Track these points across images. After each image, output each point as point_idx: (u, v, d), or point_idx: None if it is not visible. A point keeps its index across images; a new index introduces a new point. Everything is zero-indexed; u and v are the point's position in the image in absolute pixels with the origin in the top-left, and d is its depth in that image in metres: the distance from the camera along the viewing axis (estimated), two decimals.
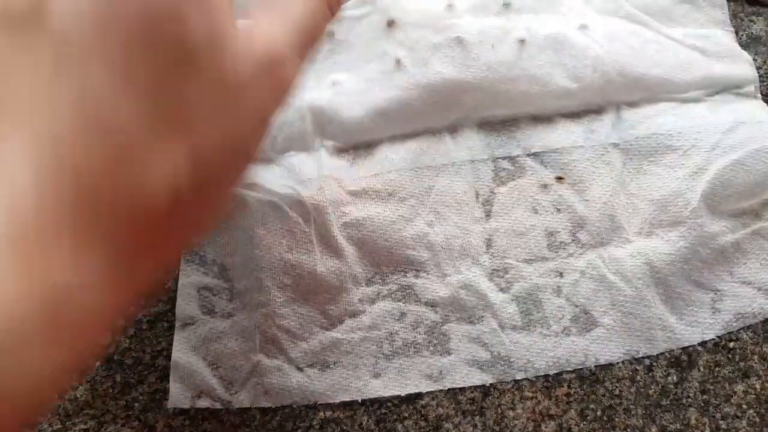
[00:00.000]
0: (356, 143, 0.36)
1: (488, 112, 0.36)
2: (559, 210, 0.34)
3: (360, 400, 0.31)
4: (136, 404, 0.32)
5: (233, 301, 0.33)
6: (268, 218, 0.34)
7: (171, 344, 0.33)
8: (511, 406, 0.31)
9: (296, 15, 0.23)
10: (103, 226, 0.16)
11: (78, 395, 0.32)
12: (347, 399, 0.31)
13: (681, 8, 0.39)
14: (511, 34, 0.36)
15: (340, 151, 0.36)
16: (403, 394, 0.31)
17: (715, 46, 0.37)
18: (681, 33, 0.38)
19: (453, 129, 0.36)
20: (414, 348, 0.32)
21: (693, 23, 0.38)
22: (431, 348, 0.32)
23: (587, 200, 0.34)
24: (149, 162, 0.17)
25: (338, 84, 0.37)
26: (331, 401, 0.31)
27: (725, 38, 0.37)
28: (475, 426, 0.31)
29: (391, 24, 0.37)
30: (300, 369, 0.32)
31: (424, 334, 0.33)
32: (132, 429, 0.32)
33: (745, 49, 0.37)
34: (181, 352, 0.32)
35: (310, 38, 0.24)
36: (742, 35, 0.38)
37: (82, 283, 0.16)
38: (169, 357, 0.32)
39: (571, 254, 0.33)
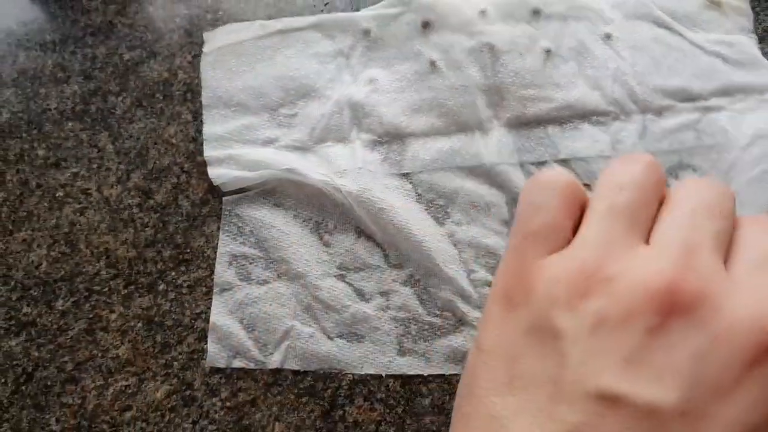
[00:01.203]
0: (390, 139, 0.39)
1: (516, 114, 0.39)
2: None
3: None
4: (175, 363, 0.35)
5: (268, 269, 0.37)
6: (305, 199, 0.38)
7: (209, 308, 0.36)
8: None
9: None
10: None
11: (120, 353, 0.35)
12: (372, 372, 0.34)
13: (707, 14, 0.41)
14: (538, 43, 0.40)
15: (375, 144, 0.39)
16: (425, 374, 0.34)
17: (737, 54, 0.40)
18: (705, 39, 0.41)
19: (484, 131, 0.39)
20: (440, 332, 0.35)
21: (718, 29, 0.41)
22: (456, 333, 0.35)
23: None
24: None
25: (374, 81, 0.40)
26: (357, 372, 0.34)
27: (749, 45, 0.40)
28: None
29: (426, 26, 0.40)
30: (330, 338, 0.35)
31: (451, 320, 0.35)
32: (171, 386, 0.35)
33: (762, 42, 0.40)
34: (219, 316, 0.36)
35: None
36: (758, 28, 0.41)
37: None
38: (207, 320, 0.36)
39: None
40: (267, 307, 0.36)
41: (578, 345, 0.19)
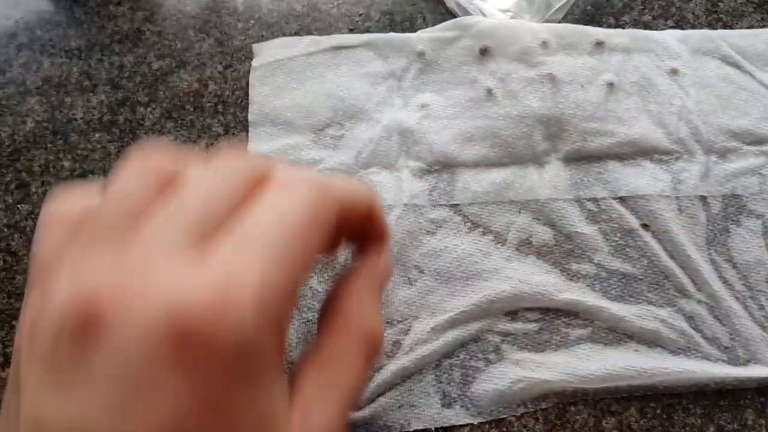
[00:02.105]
0: (440, 167, 0.45)
1: (575, 147, 0.46)
2: (643, 257, 0.44)
3: None
4: None
5: (299, 331, 0.42)
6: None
7: None
8: (573, 401, 0.41)
9: (351, 379, 0.29)
10: None
11: None
12: (420, 427, 0.40)
13: None
14: (601, 76, 0.47)
15: (423, 173, 0.45)
16: (475, 423, 0.41)
17: None
18: None
19: (540, 163, 0.46)
20: (486, 375, 0.41)
21: None
22: (501, 375, 0.41)
23: (670, 251, 0.44)
24: None
25: (426, 106, 0.47)
26: (406, 430, 0.40)
27: None
28: (537, 420, 0.41)
29: (484, 52, 0.47)
30: (372, 400, 0.41)
31: (496, 362, 0.42)
32: None
33: None
34: None
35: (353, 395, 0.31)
36: None
37: None
38: None
39: (652, 303, 0.43)
40: None
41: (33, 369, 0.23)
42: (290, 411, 0.26)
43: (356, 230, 0.33)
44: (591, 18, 0.51)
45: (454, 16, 0.49)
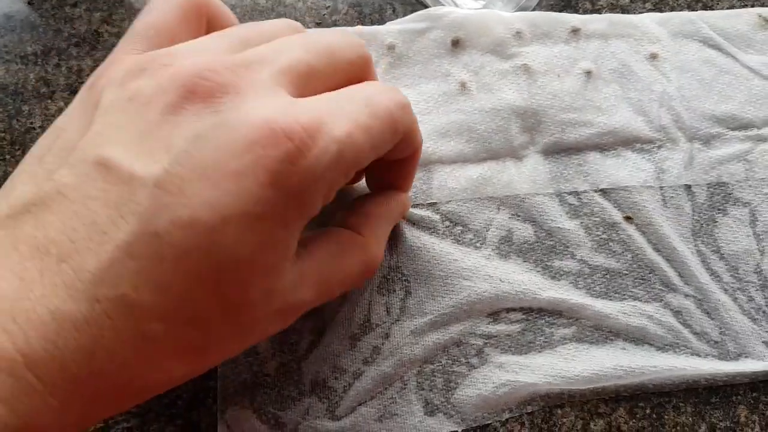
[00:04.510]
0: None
1: (554, 139, 0.45)
2: (627, 251, 0.43)
3: None
4: (180, 402, 0.41)
5: (275, 341, 0.42)
6: None
7: None
8: (559, 403, 0.40)
9: (340, 274, 0.33)
10: (97, 390, 0.24)
11: None
12: None
13: (762, 35, 0.49)
14: (578, 64, 0.46)
15: None
16: (459, 430, 0.40)
17: None
18: (759, 62, 0.48)
19: (517, 157, 0.45)
20: (469, 380, 0.41)
21: None
22: (485, 380, 0.41)
23: (655, 244, 0.43)
24: (159, 363, 0.26)
25: None
26: None
27: None
28: (523, 424, 0.40)
29: (456, 44, 0.47)
30: (353, 409, 0.40)
31: (479, 366, 0.41)
32: (175, 427, 0.40)
33: None
34: (226, 400, 0.41)
35: (335, 295, 0.34)
36: None
37: (57, 422, 0.24)
38: None
39: (638, 298, 0.42)
40: (279, 384, 0.41)
41: (106, 117, 0.26)
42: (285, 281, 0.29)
43: (393, 164, 0.37)
44: (566, 3, 0.50)
45: (425, 6, 0.48)
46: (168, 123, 0.25)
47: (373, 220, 0.36)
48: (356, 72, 0.32)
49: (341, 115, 0.27)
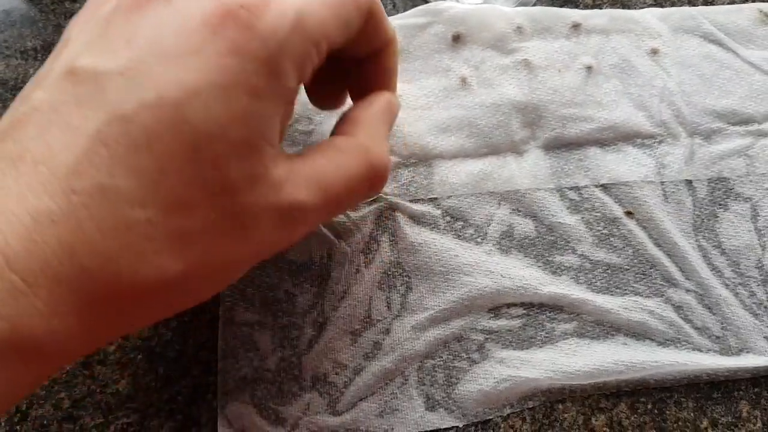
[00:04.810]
0: (416, 161, 0.44)
1: (554, 134, 0.45)
2: (628, 247, 0.43)
3: None
4: (180, 397, 0.41)
5: (275, 336, 0.41)
6: (314, 249, 0.43)
7: (214, 336, 0.41)
8: (561, 398, 0.40)
9: (341, 177, 0.32)
10: (83, 290, 0.24)
11: (120, 389, 0.40)
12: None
13: (762, 30, 0.49)
14: (578, 59, 0.46)
15: (399, 167, 0.44)
16: (460, 425, 0.40)
17: None
18: (760, 57, 0.48)
19: (518, 152, 0.45)
20: (470, 375, 0.41)
21: None
22: (486, 375, 0.41)
23: (656, 239, 0.43)
24: (148, 257, 0.25)
25: (399, 96, 0.45)
26: None
27: None
28: (524, 420, 0.40)
29: (456, 39, 0.47)
30: (354, 405, 0.40)
31: (480, 361, 0.41)
32: (176, 422, 0.40)
33: None
34: (226, 395, 0.41)
35: (343, 205, 0.34)
36: None
37: (47, 329, 0.23)
38: (211, 350, 0.41)
39: (639, 294, 0.42)
40: (279, 379, 0.41)
41: (76, 38, 0.27)
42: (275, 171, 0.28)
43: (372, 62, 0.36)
44: None
45: (425, 1, 0.48)
46: (128, 23, 0.26)
47: (368, 122, 0.35)
48: None
49: None
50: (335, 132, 0.35)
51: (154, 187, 0.24)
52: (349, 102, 0.41)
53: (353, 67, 0.37)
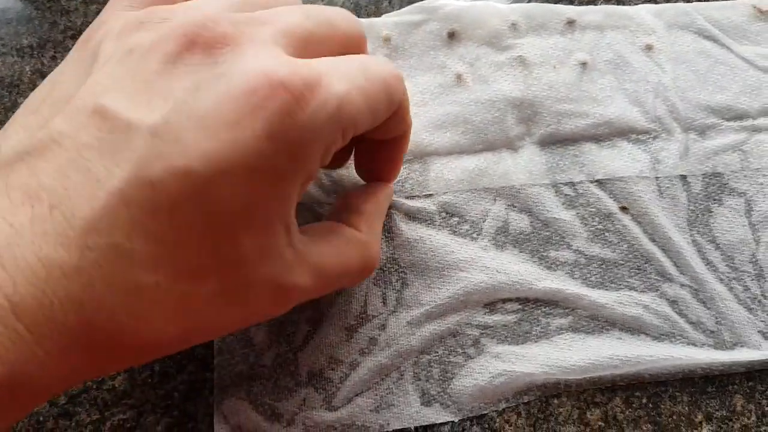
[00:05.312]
0: (411, 157, 0.44)
1: (549, 130, 0.45)
2: (623, 242, 0.43)
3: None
4: (176, 394, 0.41)
5: (271, 332, 0.42)
6: None
7: None
8: (556, 393, 0.40)
9: (339, 265, 0.33)
10: (85, 341, 0.24)
11: (116, 385, 0.40)
12: (399, 427, 0.40)
13: (757, 26, 0.49)
14: (573, 56, 0.47)
15: None
16: (456, 420, 0.40)
17: None
18: (754, 52, 0.48)
19: (513, 148, 0.45)
20: (465, 370, 0.41)
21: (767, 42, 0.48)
22: (481, 370, 0.41)
23: (651, 234, 0.43)
24: (151, 321, 0.26)
25: None
26: (385, 430, 0.40)
27: None
28: (519, 414, 0.40)
29: (452, 36, 0.47)
30: (349, 400, 0.40)
31: (475, 356, 0.41)
32: (172, 419, 0.40)
33: None
34: (222, 391, 0.41)
35: (332, 288, 0.34)
36: None
37: (43, 373, 0.23)
38: (207, 346, 0.41)
39: (633, 288, 0.42)
40: (275, 376, 0.41)
41: (104, 67, 0.26)
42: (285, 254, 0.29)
43: (383, 147, 0.37)
44: None
45: None
46: (167, 73, 0.26)
47: (370, 218, 0.36)
48: (352, 45, 0.32)
49: (339, 75, 0.28)
50: (340, 216, 0.36)
51: (169, 254, 0.24)
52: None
53: (363, 142, 0.38)
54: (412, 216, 0.43)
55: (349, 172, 0.43)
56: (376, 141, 0.36)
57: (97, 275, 0.23)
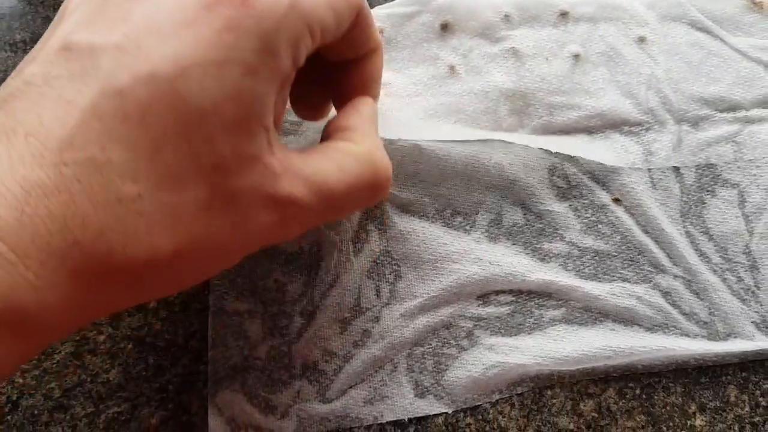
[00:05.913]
0: (404, 147, 0.44)
1: (542, 122, 0.45)
2: (616, 233, 0.43)
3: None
4: (170, 386, 0.41)
5: (265, 325, 0.42)
6: (303, 238, 0.43)
7: (204, 326, 0.41)
8: (549, 384, 0.40)
9: (343, 181, 0.31)
10: (74, 264, 0.24)
11: (111, 378, 0.40)
12: (393, 419, 0.40)
13: (749, 17, 0.49)
14: (566, 48, 0.47)
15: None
16: (450, 411, 0.41)
17: None
18: (747, 44, 0.48)
19: (506, 140, 0.44)
20: (459, 362, 0.41)
21: (761, 33, 0.48)
22: (474, 362, 0.41)
23: (644, 226, 0.43)
24: (139, 234, 0.25)
25: (387, 85, 0.46)
26: (378, 422, 0.40)
27: None
28: (513, 405, 0.41)
29: (445, 28, 0.47)
30: (343, 392, 0.41)
31: (469, 348, 0.41)
32: (166, 411, 0.40)
33: None
34: (217, 384, 0.41)
35: (343, 210, 0.34)
36: None
37: (37, 301, 0.23)
38: (202, 339, 0.41)
39: (627, 280, 0.42)
40: (269, 368, 0.41)
41: (71, 15, 0.27)
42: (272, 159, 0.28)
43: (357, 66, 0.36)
44: None
45: None
46: (126, 1, 0.26)
47: (362, 128, 0.34)
48: None
49: None
50: (328, 138, 0.34)
51: (147, 161, 0.24)
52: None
53: (337, 74, 0.37)
54: (405, 208, 0.43)
55: None
56: (351, 64, 0.36)
57: (76, 191, 0.23)
